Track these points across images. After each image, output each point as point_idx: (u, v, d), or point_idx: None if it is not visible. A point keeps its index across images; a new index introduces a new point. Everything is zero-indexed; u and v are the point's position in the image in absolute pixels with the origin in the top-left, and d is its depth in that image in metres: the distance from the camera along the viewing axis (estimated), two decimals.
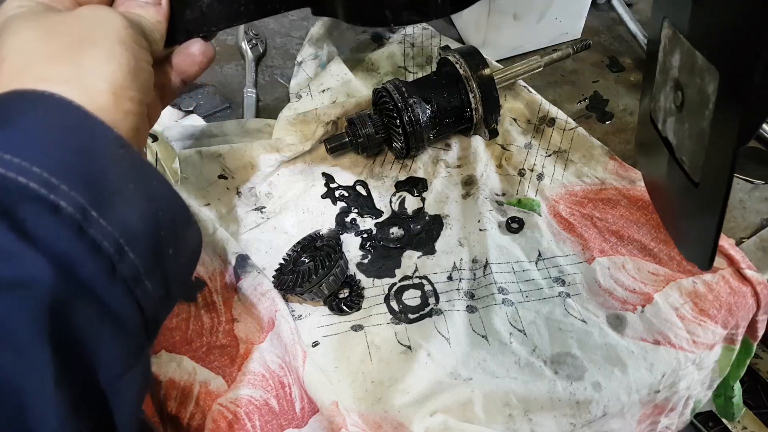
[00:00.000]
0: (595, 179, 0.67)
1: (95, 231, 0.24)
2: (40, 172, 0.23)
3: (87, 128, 0.26)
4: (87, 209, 0.24)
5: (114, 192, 0.25)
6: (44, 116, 0.25)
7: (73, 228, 0.23)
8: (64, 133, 0.25)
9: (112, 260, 0.24)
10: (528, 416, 0.49)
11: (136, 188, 0.27)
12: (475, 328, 0.55)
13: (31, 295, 0.21)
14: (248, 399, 0.50)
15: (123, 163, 0.27)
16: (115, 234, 0.25)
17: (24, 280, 0.21)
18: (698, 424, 0.95)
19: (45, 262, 0.22)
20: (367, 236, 0.64)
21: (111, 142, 0.27)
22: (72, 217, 0.23)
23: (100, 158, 0.26)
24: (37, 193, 0.22)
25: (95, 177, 0.25)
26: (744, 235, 0.64)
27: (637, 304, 0.56)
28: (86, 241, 0.24)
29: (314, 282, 0.53)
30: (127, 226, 0.25)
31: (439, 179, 0.68)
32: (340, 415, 0.46)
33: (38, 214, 0.22)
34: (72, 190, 0.23)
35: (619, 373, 0.51)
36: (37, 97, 0.26)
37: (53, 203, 0.23)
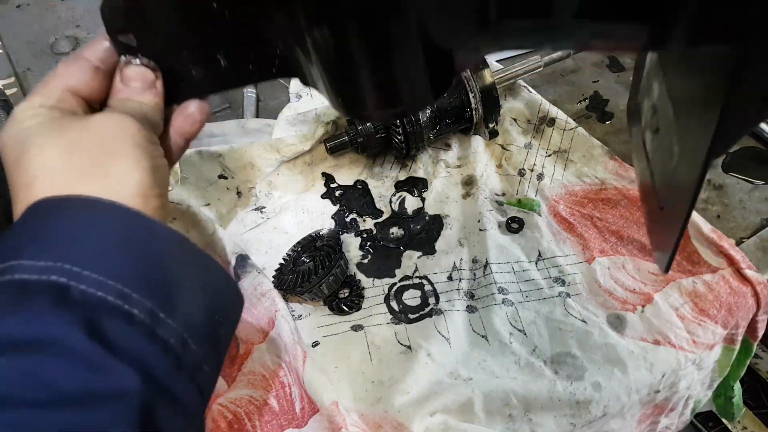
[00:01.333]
0: (595, 179, 0.67)
1: (163, 331, 0.26)
2: (114, 284, 0.25)
3: (145, 231, 0.29)
4: (156, 312, 0.26)
5: (177, 289, 0.28)
6: (105, 223, 0.28)
7: (145, 332, 0.26)
8: (126, 239, 0.27)
9: (177, 355, 0.27)
10: (528, 416, 0.49)
11: (195, 281, 0.29)
12: (475, 328, 0.55)
13: (125, 405, 0.24)
14: (248, 399, 0.50)
15: (182, 259, 0.29)
16: (180, 329, 0.27)
17: (119, 391, 0.24)
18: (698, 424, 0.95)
19: (132, 372, 0.24)
20: (367, 236, 0.64)
21: (172, 242, 0.29)
22: (144, 323, 0.25)
23: (162, 258, 0.28)
24: (113, 304, 0.25)
25: (160, 278, 0.27)
26: (744, 235, 0.64)
27: (637, 304, 0.56)
28: (158, 342, 0.26)
29: (314, 282, 0.53)
30: (190, 320, 0.28)
31: (439, 179, 0.68)
32: (340, 415, 0.46)
33: (117, 325, 0.25)
34: (142, 297, 0.26)
35: (619, 373, 0.51)
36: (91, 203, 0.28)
37: (128, 313, 0.25)
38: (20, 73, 0.83)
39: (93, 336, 0.24)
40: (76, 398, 0.23)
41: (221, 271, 0.32)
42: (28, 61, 0.85)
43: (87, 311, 0.24)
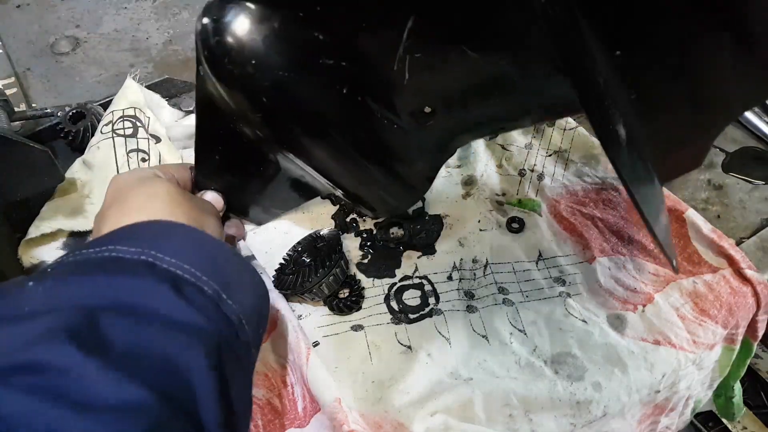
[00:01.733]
0: (596, 179, 0.67)
1: (226, 307, 0.34)
2: (189, 268, 0.34)
3: (209, 242, 0.39)
4: (220, 292, 0.34)
5: (235, 283, 0.36)
6: (183, 235, 0.38)
7: (213, 304, 0.33)
8: (198, 245, 0.37)
9: (236, 329, 0.34)
10: (528, 416, 0.49)
11: (245, 280, 0.38)
12: (475, 328, 0.55)
13: (204, 337, 0.31)
14: None
15: (237, 264, 0.39)
16: (238, 311, 0.35)
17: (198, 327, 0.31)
18: (698, 424, 0.95)
19: (205, 320, 0.32)
20: (367, 236, 0.64)
21: (226, 250, 0.40)
22: (212, 297, 0.33)
23: (222, 260, 0.37)
24: (190, 280, 0.33)
25: (222, 272, 0.35)
26: (744, 235, 0.64)
27: (638, 303, 0.56)
28: (222, 313, 0.34)
29: (314, 282, 0.53)
30: (244, 307, 0.36)
31: (439, 179, 0.68)
32: (342, 412, 0.46)
33: (194, 293, 0.33)
34: (210, 279, 0.34)
35: (619, 373, 0.51)
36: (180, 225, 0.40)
37: (200, 287, 0.33)
38: (20, 73, 0.83)
39: (177, 292, 0.32)
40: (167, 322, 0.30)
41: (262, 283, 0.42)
42: (28, 61, 0.85)
43: (171, 278, 0.32)
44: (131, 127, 0.65)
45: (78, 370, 0.25)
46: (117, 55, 0.87)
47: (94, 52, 0.87)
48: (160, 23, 0.92)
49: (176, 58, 0.87)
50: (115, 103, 0.67)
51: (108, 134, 0.64)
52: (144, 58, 0.87)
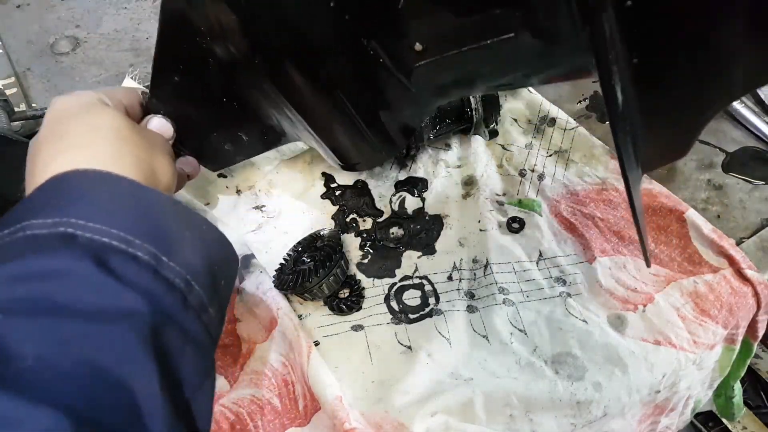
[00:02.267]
0: (597, 179, 0.67)
1: (167, 271, 0.30)
2: (117, 232, 0.29)
3: (143, 194, 0.34)
4: (158, 255, 0.30)
5: (176, 239, 0.32)
6: (108, 190, 0.32)
7: (150, 271, 0.29)
8: (127, 200, 0.32)
9: (183, 293, 0.30)
10: (529, 416, 0.49)
11: (191, 234, 0.34)
12: (475, 328, 0.55)
13: (136, 321, 0.27)
14: (250, 398, 0.50)
15: (177, 216, 0.34)
16: (183, 272, 0.31)
17: (129, 310, 0.27)
18: (698, 424, 0.95)
19: (139, 298, 0.28)
20: (367, 236, 0.64)
21: (164, 201, 0.34)
22: (148, 263, 0.29)
23: (159, 214, 0.32)
24: (118, 248, 0.29)
25: (159, 230, 0.31)
26: (744, 235, 0.64)
27: (638, 303, 0.56)
28: (162, 280, 0.30)
29: (315, 282, 0.53)
30: (191, 265, 0.31)
31: (439, 179, 0.68)
32: (343, 410, 0.46)
33: (124, 263, 0.28)
34: (144, 242, 0.30)
35: (619, 373, 0.51)
36: (97, 176, 0.33)
37: (132, 254, 0.29)
38: (20, 73, 0.83)
39: (102, 267, 0.28)
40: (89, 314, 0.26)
41: (215, 229, 0.37)
42: (28, 61, 0.85)
43: (94, 251, 0.28)
44: None
45: None
46: (117, 55, 0.87)
47: (94, 52, 0.87)
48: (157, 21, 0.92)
49: None
50: None
51: None
52: (144, 58, 0.86)
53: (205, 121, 0.51)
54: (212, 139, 0.53)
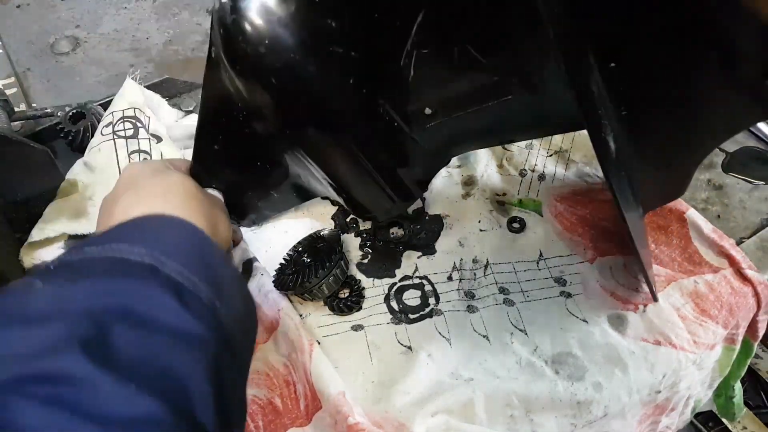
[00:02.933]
0: (597, 179, 0.67)
1: (220, 315, 0.34)
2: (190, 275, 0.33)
3: (209, 245, 0.38)
4: (213, 300, 0.33)
5: (225, 288, 0.35)
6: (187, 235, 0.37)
7: (210, 311, 0.33)
8: (199, 249, 0.36)
9: (229, 335, 0.34)
10: (529, 416, 0.49)
11: (237, 285, 0.38)
12: (476, 328, 0.55)
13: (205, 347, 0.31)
14: (251, 399, 0.50)
15: (229, 272, 0.38)
16: (230, 319, 0.34)
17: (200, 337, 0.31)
18: (698, 424, 0.95)
19: (205, 329, 0.31)
20: (367, 236, 0.64)
21: (222, 255, 0.39)
22: (208, 305, 0.33)
23: (218, 266, 0.36)
24: (189, 288, 0.32)
25: (215, 278, 0.35)
26: (744, 235, 0.64)
27: (639, 303, 0.56)
28: (218, 320, 0.33)
29: (315, 282, 0.53)
30: (236, 313, 0.36)
31: (439, 179, 0.68)
32: (347, 405, 0.46)
33: (192, 301, 0.32)
34: (206, 286, 0.33)
35: (620, 374, 0.51)
36: (175, 221, 0.38)
37: (197, 294, 0.32)
38: (20, 73, 0.83)
39: (178, 298, 0.31)
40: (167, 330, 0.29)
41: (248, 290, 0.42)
42: (28, 61, 0.85)
43: (174, 285, 0.32)
44: (132, 128, 0.65)
45: (92, 382, 0.25)
46: (117, 55, 0.87)
47: (94, 52, 0.87)
48: (160, 23, 0.92)
49: (176, 58, 0.87)
50: (114, 103, 0.67)
51: (108, 136, 0.64)
52: (144, 58, 0.86)
53: (246, 186, 0.58)
54: (247, 199, 0.59)
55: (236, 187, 0.57)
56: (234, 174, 0.56)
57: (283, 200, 0.60)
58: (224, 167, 0.55)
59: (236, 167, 0.55)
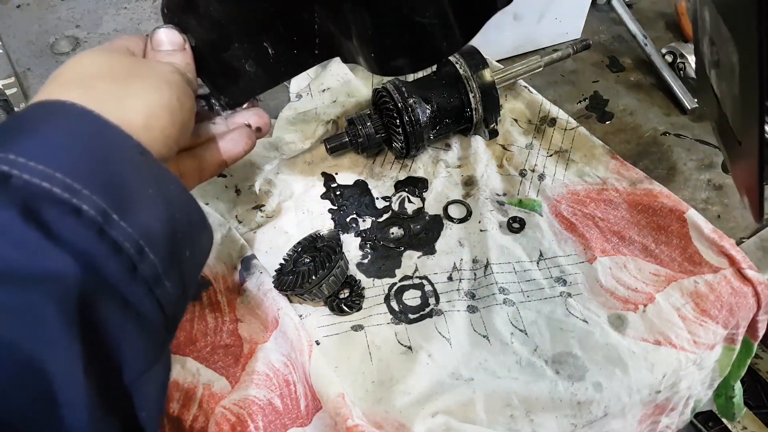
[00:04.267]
0: (597, 179, 0.67)
1: (116, 232, 0.25)
2: (62, 178, 0.24)
3: (107, 136, 0.28)
4: (108, 212, 0.25)
5: (133, 196, 0.27)
6: (66, 125, 0.27)
7: (94, 229, 0.24)
8: (85, 140, 0.27)
9: (133, 260, 0.26)
10: (529, 417, 0.49)
11: (154, 192, 0.28)
12: (476, 328, 0.55)
13: (59, 287, 0.22)
14: (252, 399, 0.50)
15: (142, 169, 0.28)
16: (135, 235, 0.26)
17: (52, 273, 0.22)
18: (698, 424, 0.96)
19: (70, 259, 0.23)
20: (367, 236, 0.64)
21: (130, 148, 0.29)
22: (93, 219, 0.24)
23: (119, 163, 0.27)
24: (60, 197, 0.24)
25: (115, 181, 0.26)
26: (744, 235, 0.64)
27: (639, 303, 0.56)
28: (108, 241, 0.25)
29: (314, 282, 0.53)
30: (147, 228, 0.26)
31: (439, 179, 0.68)
32: (346, 407, 0.46)
33: (61, 217, 0.24)
34: (93, 194, 0.25)
35: (620, 374, 0.51)
36: (60, 107, 0.28)
37: (75, 206, 0.24)
38: (20, 73, 0.83)
39: (29, 220, 0.23)
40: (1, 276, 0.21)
41: (184, 190, 0.31)
42: (28, 61, 0.85)
43: (27, 199, 0.23)
44: None
45: None
46: None
47: None
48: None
49: None
50: None
51: None
52: None
53: (227, 27, 0.41)
54: (233, 56, 0.43)
55: (215, 35, 0.42)
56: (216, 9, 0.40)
57: (276, 64, 0.45)
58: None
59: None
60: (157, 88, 0.33)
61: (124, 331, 0.25)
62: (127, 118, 0.30)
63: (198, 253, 0.32)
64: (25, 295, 0.21)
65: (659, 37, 0.88)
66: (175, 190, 0.31)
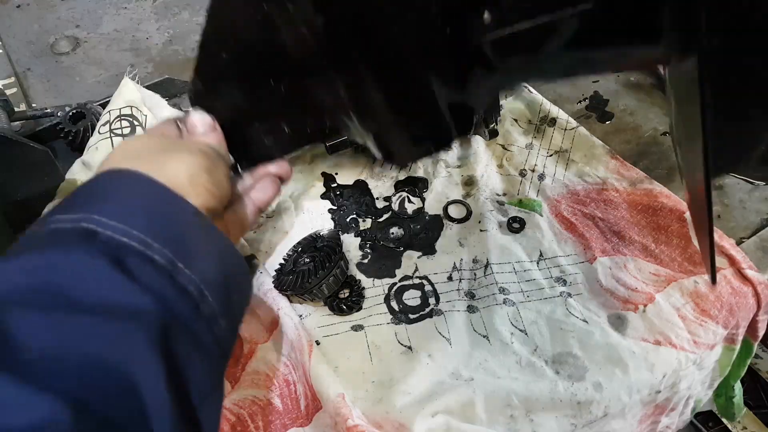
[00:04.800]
0: (597, 179, 0.67)
1: (182, 278, 0.30)
2: (138, 234, 0.29)
3: (170, 200, 0.33)
4: (175, 261, 0.30)
5: (194, 249, 0.32)
6: (136, 191, 0.33)
7: (165, 275, 0.29)
8: (152, 203, 0.32)
9: (196, 301, 0.30)
10: (529, 417, 0.49)
11: (209, 247, 0.34)
12: (476, 328, 0.55)
13: (145, 319, 0.27)
14: (252, 399, 0.50)
15: (198, 227, 0.34)
16: (197, 281, 0.30)
17: (140, 308, 0.27)
18: (698, 424, 0.96)
19: (151, 297, 0.28)
20: (367, 236, 0.64)
21: (188, 210, 0.34)
22: (164, 267, 0.29)
23: (180, 223, 0.32)
24: (137, 249, 0.29)
25: (179, 237, 0.31)
26: (744, 235, 0.64)
27: (639, 303, 0.56)
28: (177, 285, 0.29)
29: (314, 283, 0.53)
30: (206, 276, 0.31)
31: (439, 179, 0.68)
32: (346, 407, 0.46)
33: (140, 265, 0.28)
34: (163, 247, 0.30)
35: (620, 374, 0.51)
36: (127, 175, 0.33)
37: (149, 257, 0.29)
38: (20, 73, 0.83)
39: (117, 266, 0.27)
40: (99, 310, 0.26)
41: (231, 244, 0.37)
42: (28, 61, 0.85)
43: (113, 249, 0.28)
44: (128, 126, 0.65)
45: None
46: (117, 55, 0.87)
47: (94, 52, 0.87)
48: (160, 23, 0.92)
49: (176, 58, 0.86)
50: (112, 102, 0.67)
51: (106, 134, 0.64)
52: (144, 58, 0.86)
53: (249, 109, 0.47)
54: (253, 131, 0.48)
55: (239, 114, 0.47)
56: (240, 94, 0.46)
57: (293, 137, 0.50)
58: (228, 84, 0.45)
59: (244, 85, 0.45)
60: (192, 154, 0.39)
61: (192, 360, 0.29)
62: (174, 179, 0.35)
63: (244, 297, 0.38)
64: (122, 324, 0.26)
65: None
66: (224, 243, 0.36)
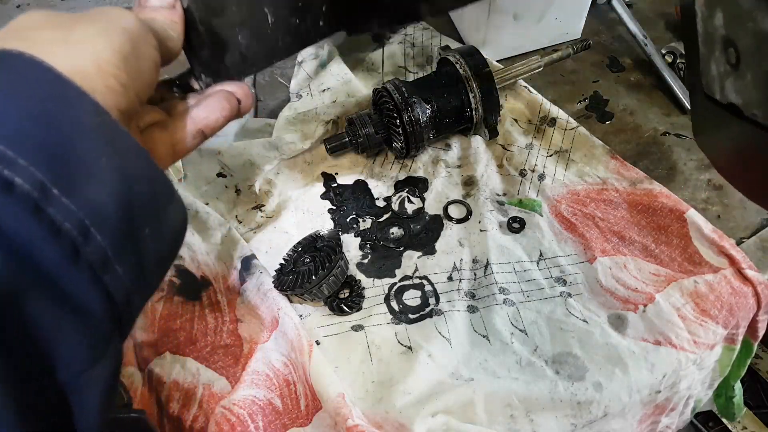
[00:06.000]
0: (597, 179, 0.67)
1: (55, 211, 0.21)
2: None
3: (58, 92, 0.23)
4: (47, 186, 0.21)
5: (82, 166, 0.22)
6: (10, 78, 0.22)
7: (29, 208, 0.20)
8: (29, 97, 0.22)
9: (75, 243, 0.21)
10: (529, 417, 0.49)
11: (109, 161, 0.24)
12: (476, 328, 0.55)
13: None
14: (252, 399, 0.50)
15: (97, 134, 0.24)
16: (80, 214, 0.22)
17: None
18: (698, 424, 0.95)
19: None
20: (367, 236, 0.63)
21: (85, 108, 0.24)
22: (28, 196, 0.20)
23: (69, 126, 0.23)
24: None
25: (61, 149, 0.22)
26: (744, 235, 0.64)
27: (639, 303, 0.56)
28: (44, 222, 0.21)
29: (314, 282, 0.53)
30: (95, 205, 0.22)
31: (439, 179, 0.68)
32: (346, 407, 0.46)
33: None
34: (31, 164, 0.20)
35: (620, 374, 0.51)
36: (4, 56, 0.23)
37: (7, 179, 0.20)
38: None
39: None
40: None
41: (147, 158, 0.26)
42: None
43: None
44: None
45: None
46: None
47: None
48: None
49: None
50: None
51: None
52: None
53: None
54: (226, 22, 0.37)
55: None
56: None
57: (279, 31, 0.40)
58: None
59: None
60: (105, 31, 0.28)
61: (58, 327, 0.21)
62: (76, 65, 0.25)
63: (163, 230, 0.27)
64: None
65: (659, 37, 0.88)
66: (136, 158, 0.26)
